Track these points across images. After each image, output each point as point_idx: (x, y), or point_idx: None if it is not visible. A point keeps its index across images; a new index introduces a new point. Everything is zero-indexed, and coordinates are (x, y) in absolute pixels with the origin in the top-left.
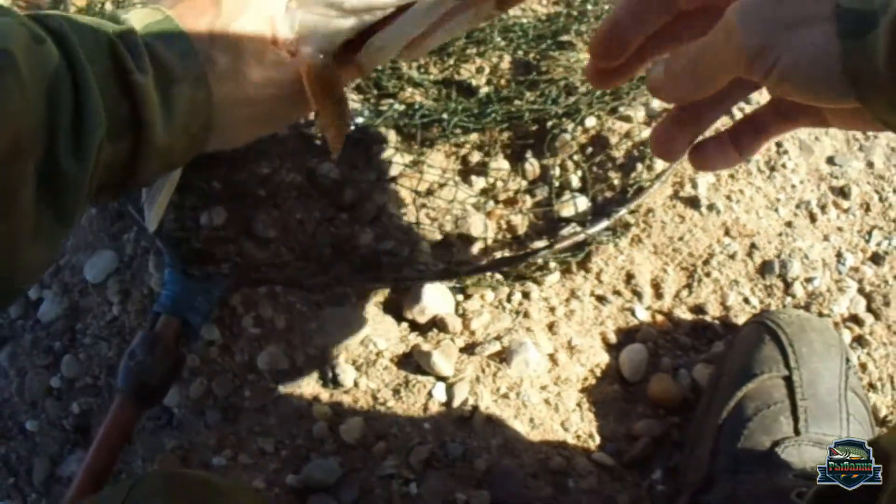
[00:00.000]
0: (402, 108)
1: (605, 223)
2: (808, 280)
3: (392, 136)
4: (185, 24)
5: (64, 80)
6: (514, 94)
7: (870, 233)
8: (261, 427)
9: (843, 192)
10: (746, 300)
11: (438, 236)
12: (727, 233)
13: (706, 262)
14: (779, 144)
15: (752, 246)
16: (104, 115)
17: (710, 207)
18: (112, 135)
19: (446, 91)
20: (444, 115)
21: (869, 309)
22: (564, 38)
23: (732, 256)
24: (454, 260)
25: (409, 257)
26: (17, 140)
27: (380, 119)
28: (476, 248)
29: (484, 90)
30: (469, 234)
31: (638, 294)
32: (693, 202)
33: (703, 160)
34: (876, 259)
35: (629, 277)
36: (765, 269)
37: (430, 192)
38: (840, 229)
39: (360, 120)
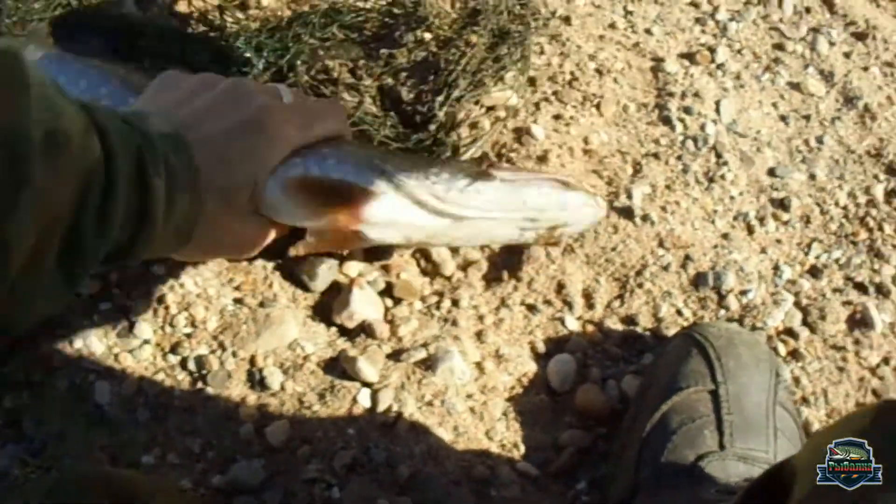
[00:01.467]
0: None
1: None
2: (743, 292)
3: None
4: (186, 130)
5: (100, 169)
6: None
7: (809, 245)
8: (189, 427)
9: (783, 205)
10: (679, 312)
11: None
12: (661, 244)
13: (639, 273)
14: (719, 155)
15: (687, 258)
16: (124, 205)
17: (645, 218)
18: (124, 222)
19: None
20: None
21: (805, 322)
22: None
23: (666, 268)
24: None
25: None
26: (57, 212)
27: None
28: None
29: None
30: None
31: (569, 304)
32: (627, 213)
33: None
34: (814, 272)
35: (560, 287)
36: (699, 280)
37: None
38: (779, 242)
39: None
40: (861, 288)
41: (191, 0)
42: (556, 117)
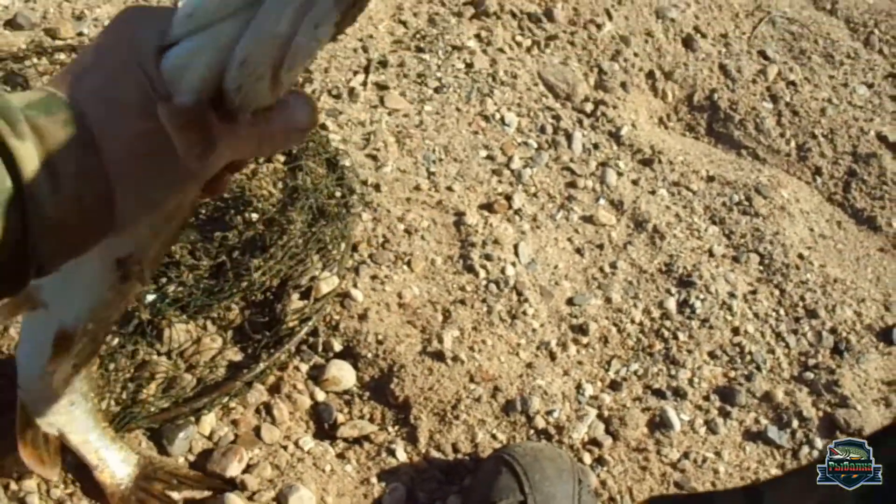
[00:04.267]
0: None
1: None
2: (549, 413)
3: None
4: (69, 91)
5: None
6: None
7: (609, 362)
8: None
9: (582, 329)
10: (493, 436)
11: None
12: (472, 379)
13: (454, 407)
14: (520, 293)
15: (496, 388)
16: None
17: (455, 359)
18: None
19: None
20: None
21: (607, 431)
22: None
23: (478, 399)
24: None
25: None
26: None
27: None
28: None
29: None
30: None
31: (397, 437)
32: (439, 356)
33: None
34: (614, 385)
35: (386, 421)
36: (508, 407)
37: None
38: (580, 363)
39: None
40: (659, 394)
41: None
42: (373, 277)
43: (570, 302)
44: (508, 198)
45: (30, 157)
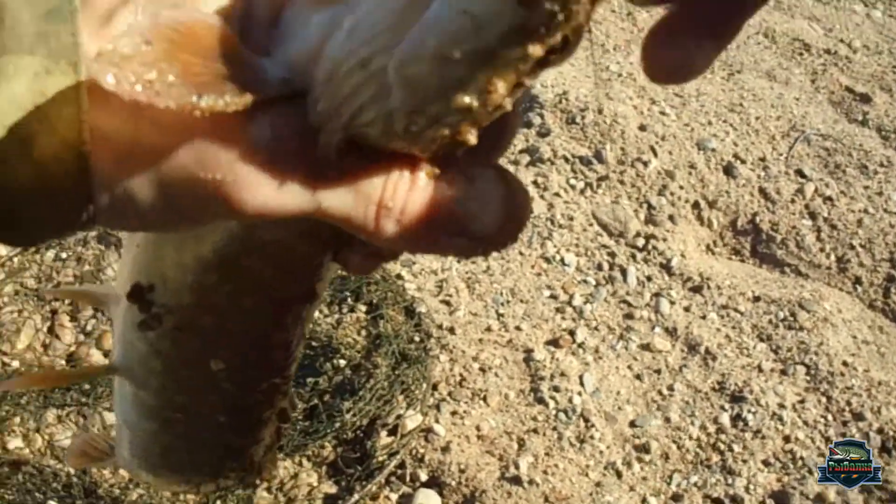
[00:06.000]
0: None
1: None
2: None
3: None
4: None
5: None
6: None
7: (670, 477)
8: None
9: (645, 448)
10: None
11: None
12: (547, 500)
13: None
14: (586, 420)
15: None
16: None
17: (531, 482)
18: None
19: None
20: None
21: None
22: None
23: None
24: None
25: None
26: None
27: None
28: None
29: None
30: None
31: None
32: (516, 480)
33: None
34: (676, 497)
35: None
36: None
37: None
38: (644, 479)
39: None
40: (718, 502)
41: None
42: (453, 413)
43: (632, 424)
44: (572, 333)
45: None
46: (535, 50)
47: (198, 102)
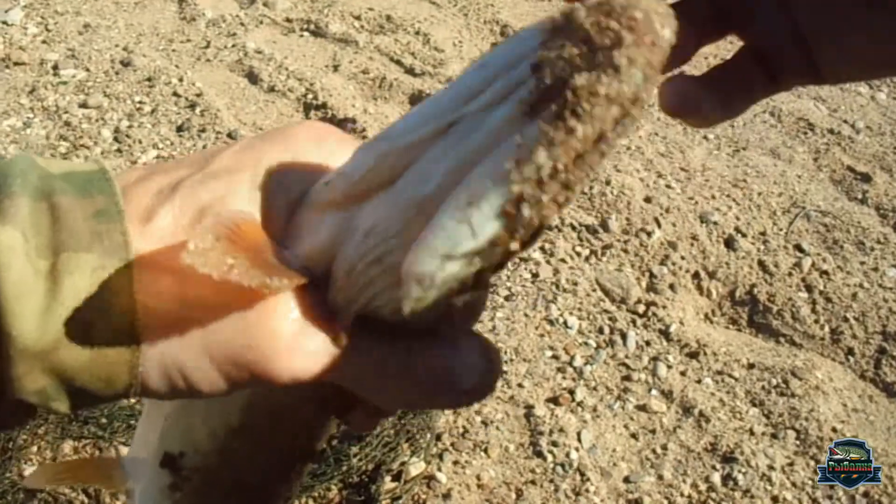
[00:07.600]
0: None
1: None
2: None
3: None
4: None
5: None
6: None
7: None
8: None
9: (637, 503)
10: None
11: None
12: None
13: None
14: (582, 474)
15: None
16: None
17: None
18: None
19: None
20: None
21: None
22: None
23: None
24: None
25: None
26: None
27: None
28: None
29: None
30: None
31: None
32: None
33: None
34: None
35: None
36: None
37: None
38: None
39: None
40: None
41: None
42: (455, 462)
43: (626, 480)
44: (571, 392)
45: (12, 244)
46: (514, 245)
47: (271, 283)
